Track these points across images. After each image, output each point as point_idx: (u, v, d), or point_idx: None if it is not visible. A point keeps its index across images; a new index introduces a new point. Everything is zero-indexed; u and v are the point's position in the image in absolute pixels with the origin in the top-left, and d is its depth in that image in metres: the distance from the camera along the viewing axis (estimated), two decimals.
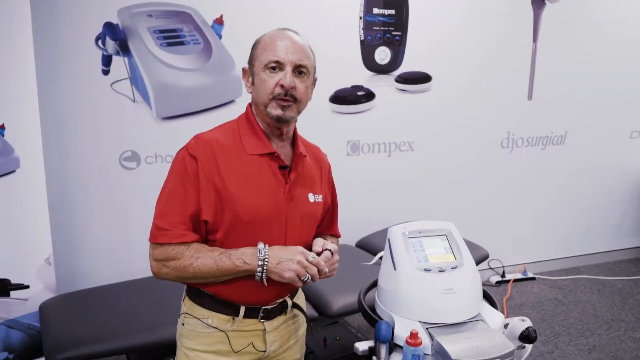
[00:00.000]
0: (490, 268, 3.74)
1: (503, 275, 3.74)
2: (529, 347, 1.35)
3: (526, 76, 3.55)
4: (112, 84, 2.66)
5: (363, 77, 3.16)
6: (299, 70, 1.32)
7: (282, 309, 1.44)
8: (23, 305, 2.34)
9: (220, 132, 1.36)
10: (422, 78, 3.29)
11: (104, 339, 1.96)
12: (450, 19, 3.28)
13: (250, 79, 1.36)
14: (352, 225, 3.18)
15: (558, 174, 3.83)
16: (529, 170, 3.74)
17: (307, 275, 1.26)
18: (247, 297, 1.32)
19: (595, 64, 3.69)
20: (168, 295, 2.33)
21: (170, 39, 2.73)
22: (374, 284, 1.62)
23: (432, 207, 3.48)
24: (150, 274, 2.68)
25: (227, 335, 1.37)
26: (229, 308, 1.37)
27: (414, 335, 1.25)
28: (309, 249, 1.38)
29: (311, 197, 1.43)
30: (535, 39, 3.51)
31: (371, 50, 3.14)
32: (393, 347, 1.34)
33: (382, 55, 3.17)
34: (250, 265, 1.26)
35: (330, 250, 1.35)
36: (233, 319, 1.37)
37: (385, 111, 3.23)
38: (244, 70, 1.39)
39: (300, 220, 1.39)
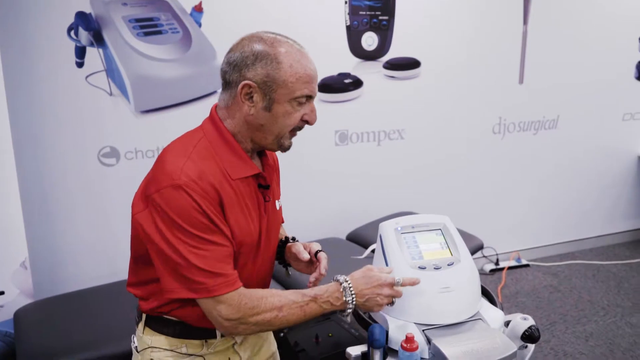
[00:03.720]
0: (484, 256, 3.68)
1: (497, 263, 3.68)
2: (531, 346, 1.27)
3: (517, 60, 3.46)
4: (87, 77, 2.53)
5: (350, 64, 3.05)
6: None
7: None
8: None
9: (200, 159, 1.15)
10: (410, 64, 3.19)
11: (85, 348, 1.86)
12: (439, 2, 3.17)
13: (261, 102, 1.16)
14: (342, 218, 3.11)
15: (550, 158, 3.76)
16: (521, 156, 3.67)
17: (394, 300, 1.24)
18: None
19: (586, 45, 3.60)
20: None
21: (147, 28, 2.60)
22: None
23: (423, 196, 3.40)
24: None
25: (204, 358, 1.28)
26: (203, 334, 1.27)
27: (409, 339, 1.17)
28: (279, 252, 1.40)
29: (277, 205, 1.35)
30: (525, 22, 3.41)
31: (358, 36, 3.03)
32: (388, 351, 1.26)
33: (369, 40, 3.06)
34: (338, 306, 1.19)
35: (322, 250, 1.32)
36: (206, 341, 1.28)
37: (373, 99, 3.13)
38: (248, 85, 1.14)
39: (274, 233, 1.34)
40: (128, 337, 1.93)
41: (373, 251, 2.64)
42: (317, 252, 1.35)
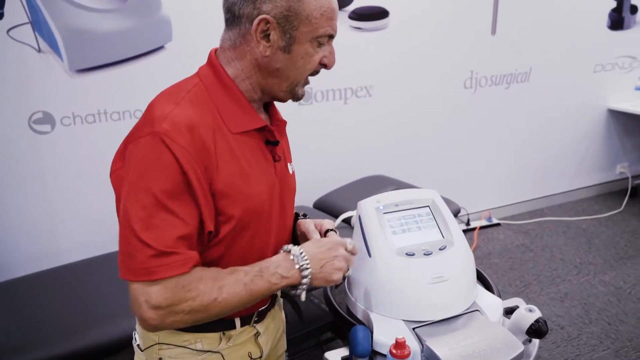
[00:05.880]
0: (455, 217, 3.55)
1: (468, 224, 3.56)
2: (536, 341, 1.11)
3: (489, 9, 3.24)
4: (8, 31, 2.18)
5: None
6: None
7: (273, 302, 1.18)
8: None
9: (190, 105, 0.95)
10: (378, 13, 2.93)
11: (17, 350, 1.61)
12: None
13: (279, 41, 0.96)
14: (307, 184, 2.86)
15: (522, 114, 3.62)
16: (492, 112, 3.50)
17: (350, 269, 1.05)
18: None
19: None
20: (101, 287, 1.98)
21: None
22: None
23: (393, 157, 3.21)
24: (80, 258, 2.29)
25: (222, 355, 1.08)
26: (220, 324, 1.06)
27: (400, 344, 0.98)
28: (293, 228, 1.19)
29: (290, 168, 1.14)
30: None
31: None
32: (373, 354, 1.07)
33: None
34: (291, 278, 0.97)
35: (334, 230, 1.12)
36: (223, 334, 1.08)
37: (338, 52, 2.81)
38: (266, 21, 0.94)
39: (289, 201, 1.13)
40: (75, 333, 1.69)
41: (344, 220, 2.45)
42: (327, 232, 1.13)
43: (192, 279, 0.90)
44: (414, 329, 1.06)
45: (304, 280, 0.97)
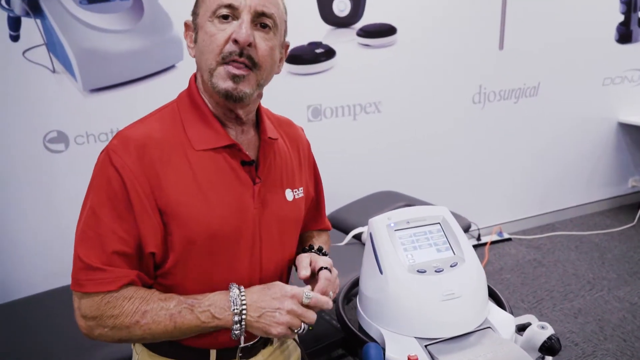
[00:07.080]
0: (466, 232, 3.54)
1: (479, 239, 3.55)
2: (549, 358, 1.10)
3: (497, 24, 3.26)
4: (24, 52, 2.22)
5: (321, 32, 2.80)
6: (261, 22, 0.94)
7: (267, 340, 1.12)
8: None
9: (155, 123, 0.97)
10: (386, 30, 2.96)
11: None
12: None
13: (193, 37, 0.98)
14: None
15: (531, 128, 3.62)
16: (501, 126, 3.51)
17: (303, 325, 0.93)
18: (218, 337, 0.98)
19: (566, 8, 3.43)
20: None
21: None
22: (354, 285, 1.34)
23: (402, 173, 3.22)
24: None
25: None
26: (194, 354, 1.03)
27: None
28: (293, 264, 1.10)
29: (289, 195, 1.08)
30: None
31: (329, 1, 2.77)
32: None
33: (341, 5, 2.80)
34: (222, 320, 0.91)
35: (327, 268, 1.03)
36: None
37: (347, 70, 2.90)
38: (186, 25, 1.00)
39: (278, 230, 1.05)
40: (91, 350, 1.69)
41: (355, 237, 2.45)
42: (320, 270, 1.04)
43: (120, 296, 0.90)
44: (426, 346, 1.06)
45: (235, 327, 0.91)
